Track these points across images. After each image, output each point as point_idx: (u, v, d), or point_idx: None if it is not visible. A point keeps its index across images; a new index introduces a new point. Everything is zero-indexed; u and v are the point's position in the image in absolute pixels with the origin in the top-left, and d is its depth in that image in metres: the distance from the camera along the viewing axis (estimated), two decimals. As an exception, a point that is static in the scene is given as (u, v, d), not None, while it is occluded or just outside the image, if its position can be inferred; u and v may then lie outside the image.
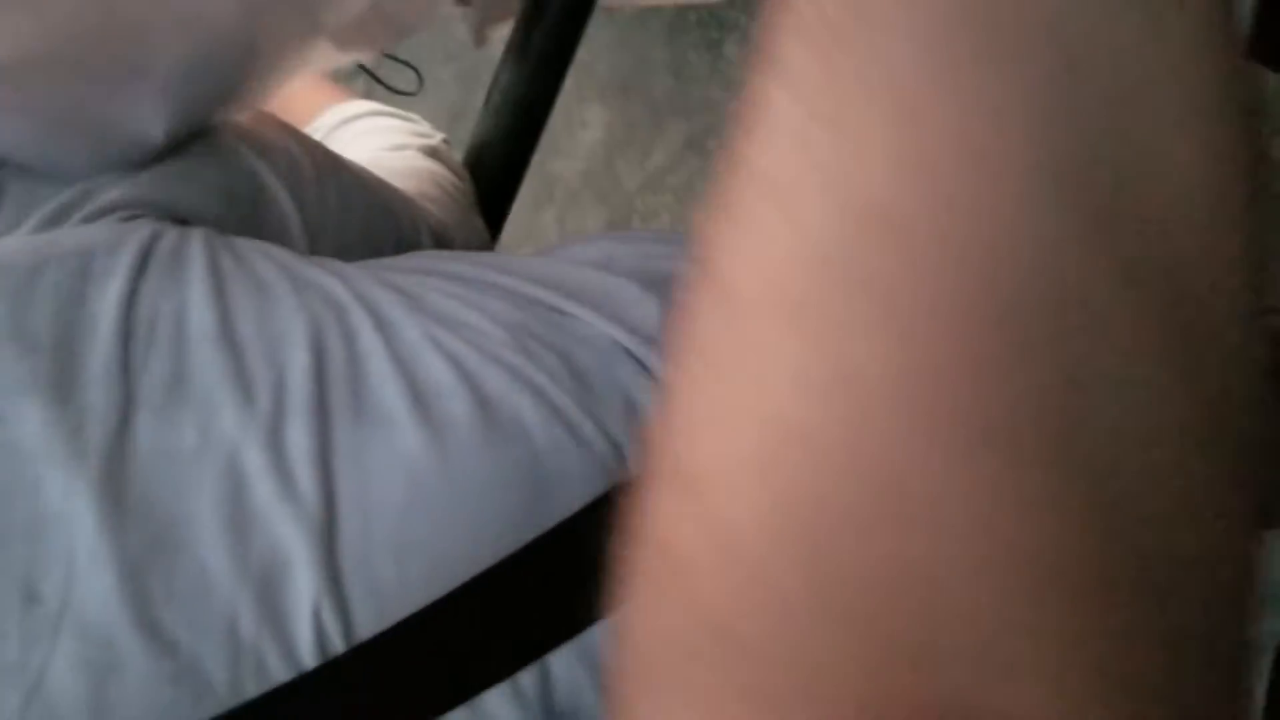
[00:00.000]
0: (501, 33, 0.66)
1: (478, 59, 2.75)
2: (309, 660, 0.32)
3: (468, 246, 0.58)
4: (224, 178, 0.41)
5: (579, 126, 2.74)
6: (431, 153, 0.65)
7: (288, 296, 0.37)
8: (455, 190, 0.63)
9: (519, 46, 0.61)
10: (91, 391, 0.32)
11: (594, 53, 2.64)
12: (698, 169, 2.34)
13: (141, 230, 0.36)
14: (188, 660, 0.31)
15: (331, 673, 0.32)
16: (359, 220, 0.49)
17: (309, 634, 0.32)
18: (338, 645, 0.32)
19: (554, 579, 0.35)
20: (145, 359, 0.33)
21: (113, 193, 0.36)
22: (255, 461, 0.33)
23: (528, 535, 0.36)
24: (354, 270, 0.41)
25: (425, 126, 0.70)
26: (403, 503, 0.35)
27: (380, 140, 0.66)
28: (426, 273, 0.43)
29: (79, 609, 0.30)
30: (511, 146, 0.64)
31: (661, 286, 0.46)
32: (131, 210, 0.37)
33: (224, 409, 0.33)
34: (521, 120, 0.63)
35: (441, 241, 0.55)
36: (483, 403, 0.37)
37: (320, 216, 0.46)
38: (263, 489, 0.33)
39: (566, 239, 0.51)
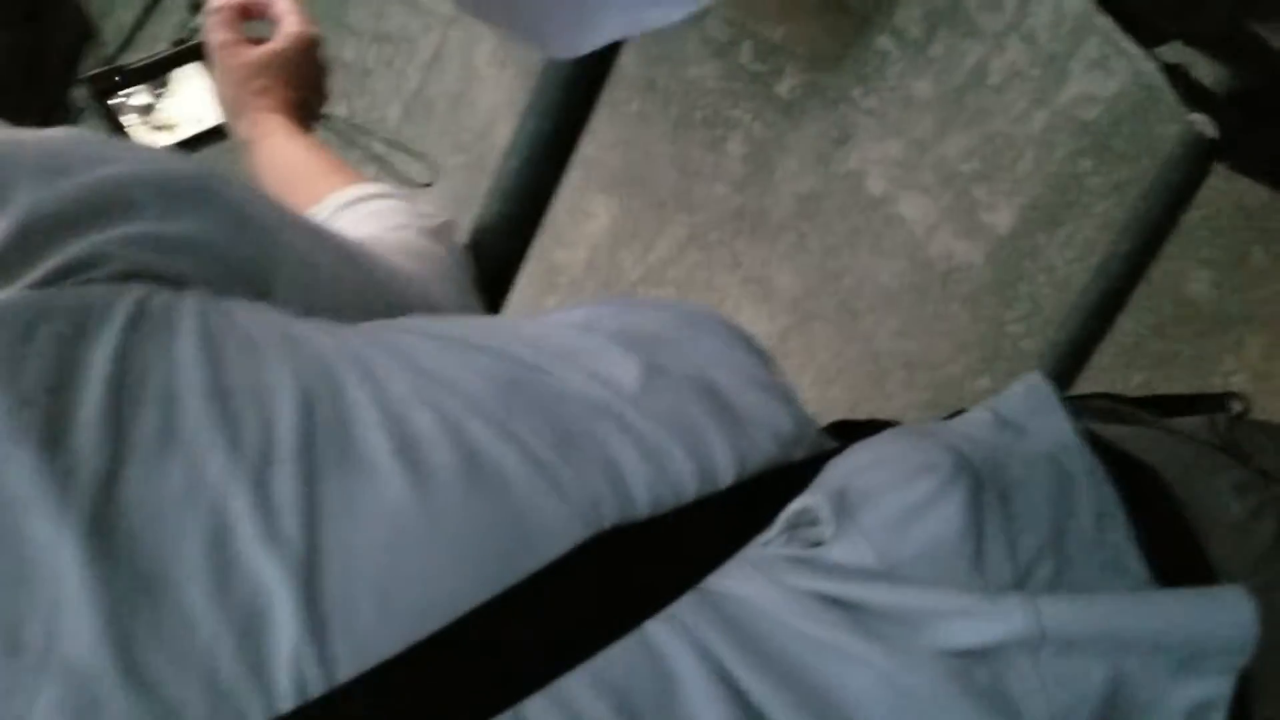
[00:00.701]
0: (512, 124, 0.68)
1: (485, 150, 2.80)
2: (287, 703, 0.32)
3: None
4: (221, 246, 0.43)
5: (584, 217, 2.79)
6: (433, 233, 0.67)
7: (277, 352, 0.38)
8: (453, 270, 0.64)
9: (523, 137, 0.64)
10: (82, 441, 0.33)
11: (600, 147, 2.70)
12: (699, 262, 2.38)
13: (136, 290, 0.38)
14: (169, 704, 0.31)
15: (309, 715, 0.32)
16: (352, 300, 0.50)
17: (288, 677, 0.32)
18: (317, 687, 0.33)
19: (533, 626, 0.36)
20: (136, 411, 0.34)
21: (113, 257, 0.38)
22: (240, 507, 0.34)
23: (508, 582, 0.37)
24: (345, 329, 0.43)
25: (430, 208, 0.72)
26: (386, 548, 0.36)
27: (383, 221, 0.68)
28: (415, 333, 0.45)
29: (62, 654, 0.31)
30: (512, 233, 0.67)
31: (643, 347, 0.47)
32: (128, 271, 0.39)
33: (212, 456, 0.34)
34: (523, 208, 0.66)
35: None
36: (467, 453, 0.38)
37: (314, 292, 0.47)
38: (247, 533, 0.34)
39: (555, 307, 0.52)
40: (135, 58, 0.83)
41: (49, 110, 0.78)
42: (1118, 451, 0.49)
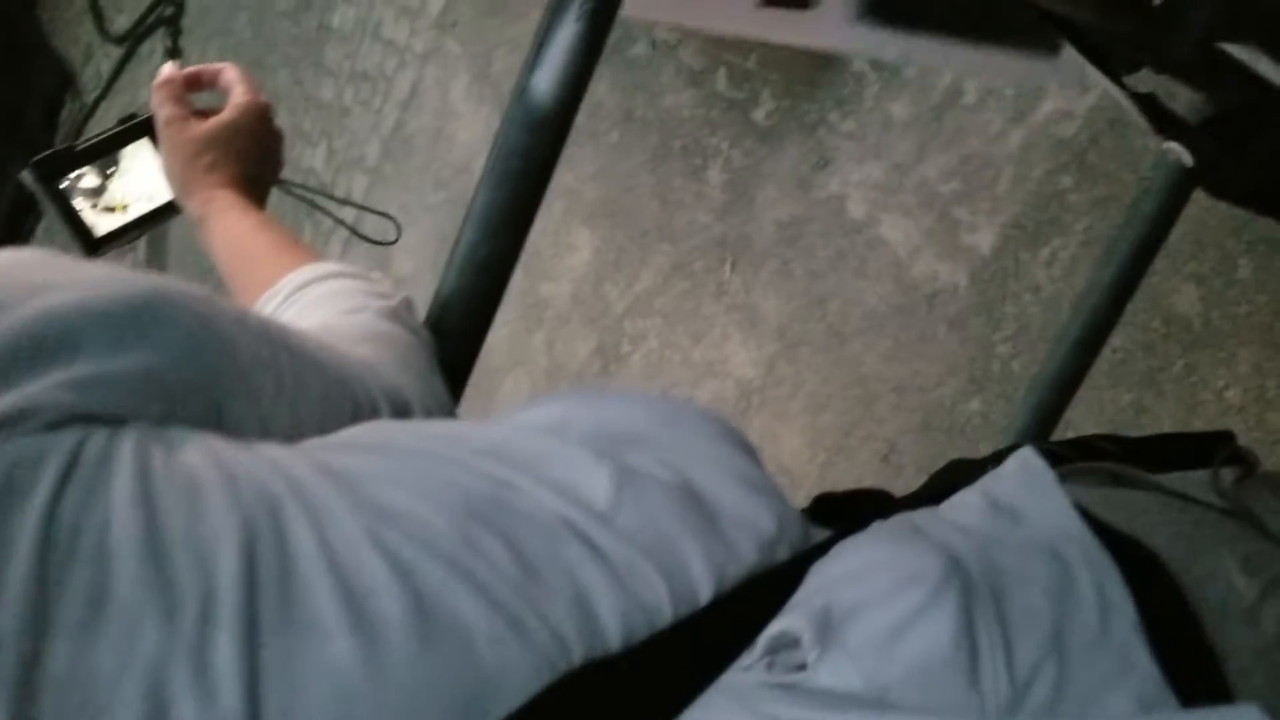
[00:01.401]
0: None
1: (465, 185, 2.80)
2: None
3: (427, 411, 0.57)
4: (169, 377, 0.41)
5: (567, 251, 2.77)
6: (391, 315, 0.64)
7: (220, 494, 0.36)
8: (414, 354, 0.62)
9: (480, 207, 0.62)
10: (4, 618, 0.31)
11: (580, 179, 2.69)
12: (685, 291, 2.37)
13: (69, 438, 0.35)
14: None
15: None
16: (315, 398, 0.48)
17: None
18: None
19: None
20: (64, 575, 0.32)
21: (49, 406, 0.36)
22: (178, 684, 0.32)
23: None
24: (294, 456, 0.41)
25: (386, 285, 0.69)
26: (332, 713, 0.33)
27: (339, 304, 0.66)
28: (371, 451, 0.42)
29: None
30: (473, 306, 0.65)
31: (616, 450, 0.45)
32: (63, 419, 0.36)
33: (146, 625, 0.32)
34: (483, 280, 0.64)
35: (399, 408, 0.55)
36: (420, 602, 0.36)
37: (274, 399, 0.45)
38: (186, 710, 0.32)
39: (527, 401, 0.49)
40: (93, 131, 0.81)
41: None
42: (1118, 534, 0.46)
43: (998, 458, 0.65)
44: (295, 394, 0.47)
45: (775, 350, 2.15)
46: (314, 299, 0.65)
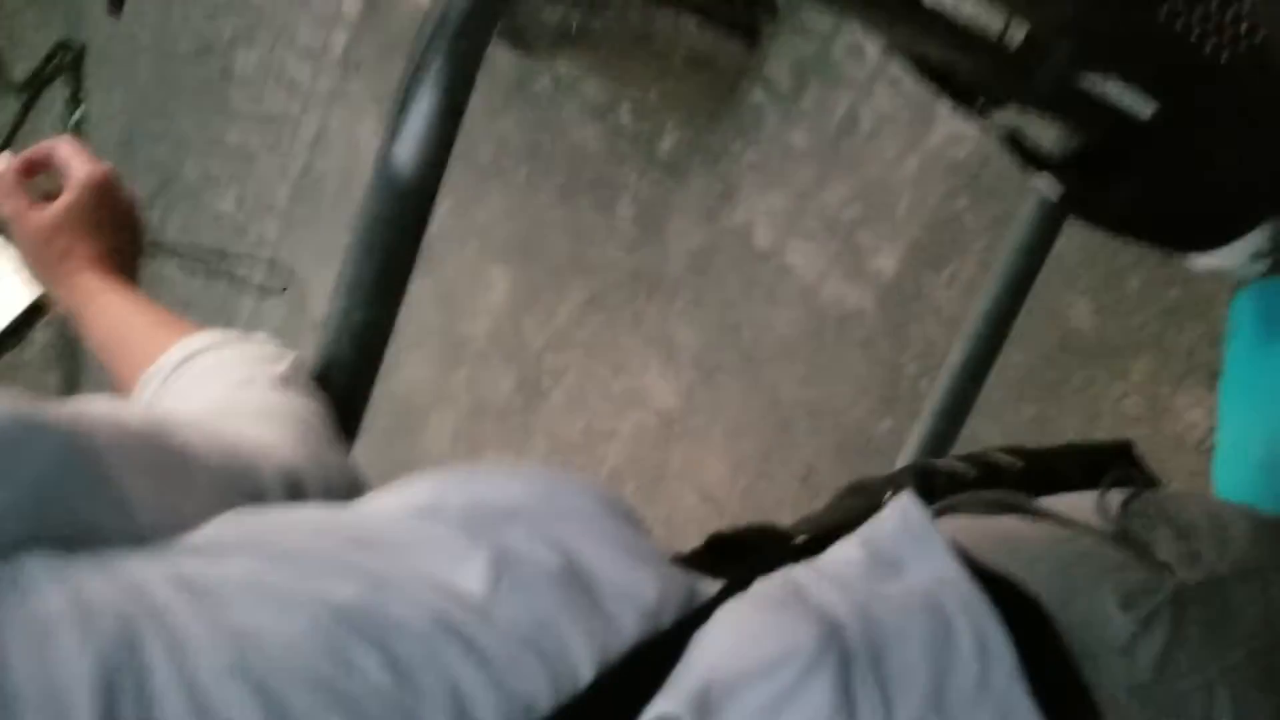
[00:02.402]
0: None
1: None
2: None
3: (325, 486, 0.56)
4: (30, 511, 0.39)
5: (483, 289, 2.76)
6: (282, 383, 0.63)
7: (73, 633, 0.35)
8: (309, 426, 0.61)
9: (350, 277, 0.62)
10: None
11: (492, 217, 2.69)
12: (602, 324, 2.37)
13: None
14: None
15: None
16: (203, 493, 0.47)
17: None
18: None
19: None
20: None
21: None
22: None
23: None
24: (158, 573, 0.39)
25: (272, 348, 0.68)
26: None
27: (226, 376, 0.64)
28: (241, 553, 0.41)
29: None
30: (353, 373, 0.64)
31: (493, 529, 0.44)
32: None
33: None
34: (359, 347, 0.63)
35: (295, 489, 0.53)
36: None
37: (156, 503, 0.44)
38: None
39: (402, 480, 0.49)
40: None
41: None
42: (998, 578, 0.47)
43: (893, 481, 0.66)
44: (179, 494, 0.46)
45: (693, 379, 2.17)
46: (198, 374, 0.64)
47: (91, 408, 0.44)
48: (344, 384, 0.65)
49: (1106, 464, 0.64)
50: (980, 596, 0.45)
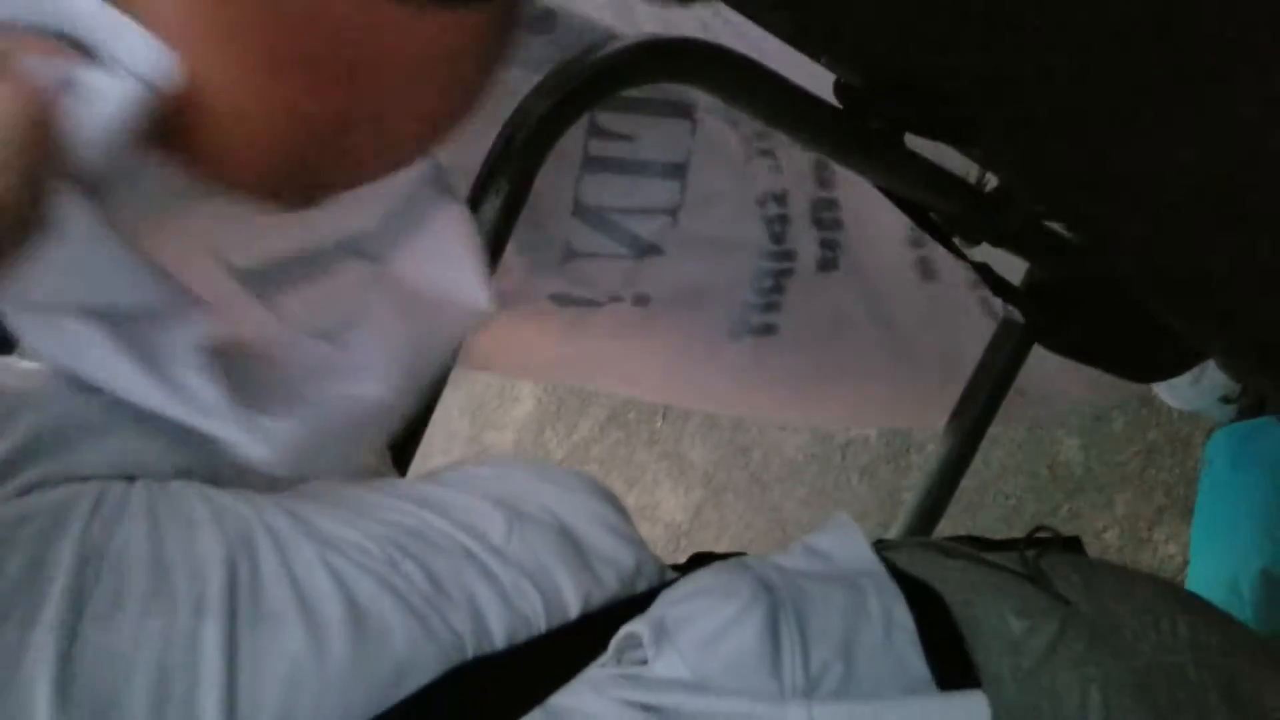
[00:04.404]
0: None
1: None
2: None
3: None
4: (167, 460, 0.52)
5: (511, 402, 2.91)
6: None
7: (209, 527, 0.48)
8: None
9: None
10: (50, 611, 0.42)
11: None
12: (619, 440, 2.50)
13: (94, 488, 0.48)
14: None
15: None
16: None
17: None
18: None
19: None
20: (95, 582, 0.44)
21: (79, 472, 0.48)
22: (176, 656, 0.44)
23: (382, 708, 0.47)
24: (263, 500, 0.52)
25: None
26: (287, 685, 0.45)
27: None
28: (321, 499, 0.54)
29: None
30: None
31: (511, 505, 0.56)
32: (89, 476, 0.49)
33: (152, 618, 0.44)
34: (391, 448, 0.74)
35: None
36: (354, 606, 0.48)
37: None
38: (180, 679, 0.43)
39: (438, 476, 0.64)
40: None
41: None
42: (908, 577, 0.58)
43: None
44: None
45: (702, 496, 2.27)
46: None
47: None
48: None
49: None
50: (892, 584, 0.56)
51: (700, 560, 0.67)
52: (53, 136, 0.41)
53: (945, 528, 1.70)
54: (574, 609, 0.53)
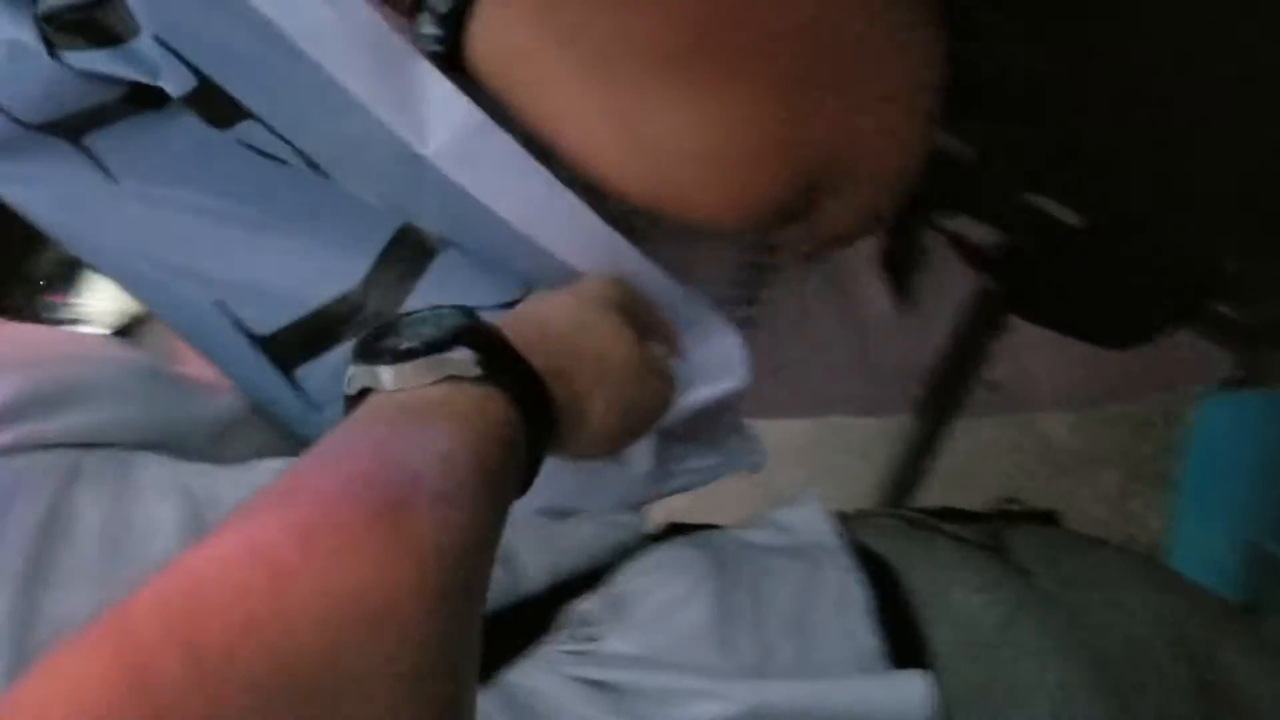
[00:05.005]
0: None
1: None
2: None
3: None
4: (138, 427, 0.53)
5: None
6: None
7: (168, 499, 0.49)
8: None
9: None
10: (7, 578, 0.43)
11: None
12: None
13: (62, 458, 0.48)
14: None
15: None
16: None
17: None
18: None
19: None
20: (53, 552, 0.44)
21: (51, 438, 0.49)
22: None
23: None
24: (227, 474, 0.53)
25: None
26: None
27: None
28: (270, 472, 0.55)
29: None
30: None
31: None
32: (60, 442, 0.49)
33: (103, 590, 0.44)
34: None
35: None
36: None
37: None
38: None
39: None
40: None
41: None
42: (867, 550, 0.58)
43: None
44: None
45: (695, 478, 2.27)
46: None
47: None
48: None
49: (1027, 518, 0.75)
50: (849, 558, 0.56)
51: (676, 530, 0.67)
52: None
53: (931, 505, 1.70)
54: (540, 583, 0.54)
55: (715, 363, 0.56)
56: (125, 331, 1.02)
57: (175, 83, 0.49)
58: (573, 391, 0.42)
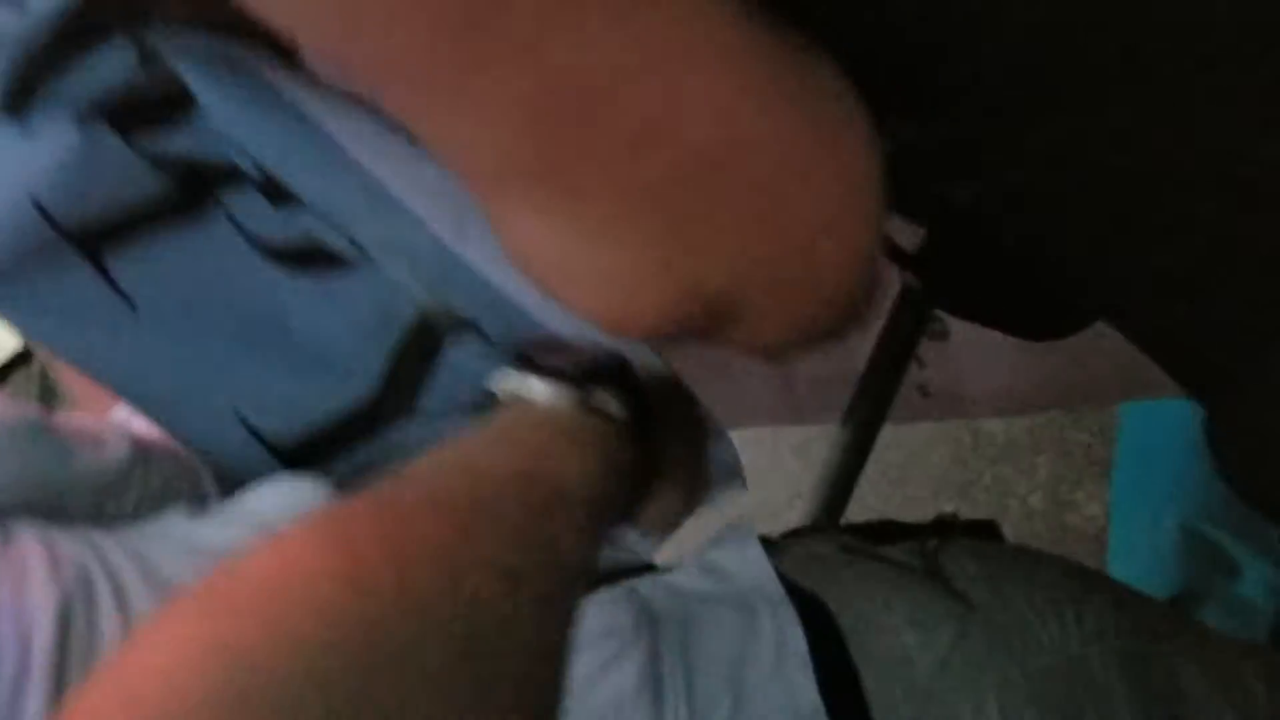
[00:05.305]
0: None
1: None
2: None
3: None
4: (13, 490, 0.49)
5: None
6: None
7: (43, 573, 0.44)
8: None
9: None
10: None
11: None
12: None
13: None
14: None
15: None
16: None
17: None
18: None
19: None
20: None
21: None
22: None
23: None
24: (109, 541, 0.49)
25: None
26: None
27: None
28: (165, 539, 0.51)
29: None
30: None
31: None
32: None
33: None
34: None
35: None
36: None
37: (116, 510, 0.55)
38: None
39: None
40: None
41: None
42: (806, 594, 0.55)
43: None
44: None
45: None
46: None
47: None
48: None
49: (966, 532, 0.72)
50: (788, 605, 0.52)
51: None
52: None
53: (872, 501, 1.67)
54: None
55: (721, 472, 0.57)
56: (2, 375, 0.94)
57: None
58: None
